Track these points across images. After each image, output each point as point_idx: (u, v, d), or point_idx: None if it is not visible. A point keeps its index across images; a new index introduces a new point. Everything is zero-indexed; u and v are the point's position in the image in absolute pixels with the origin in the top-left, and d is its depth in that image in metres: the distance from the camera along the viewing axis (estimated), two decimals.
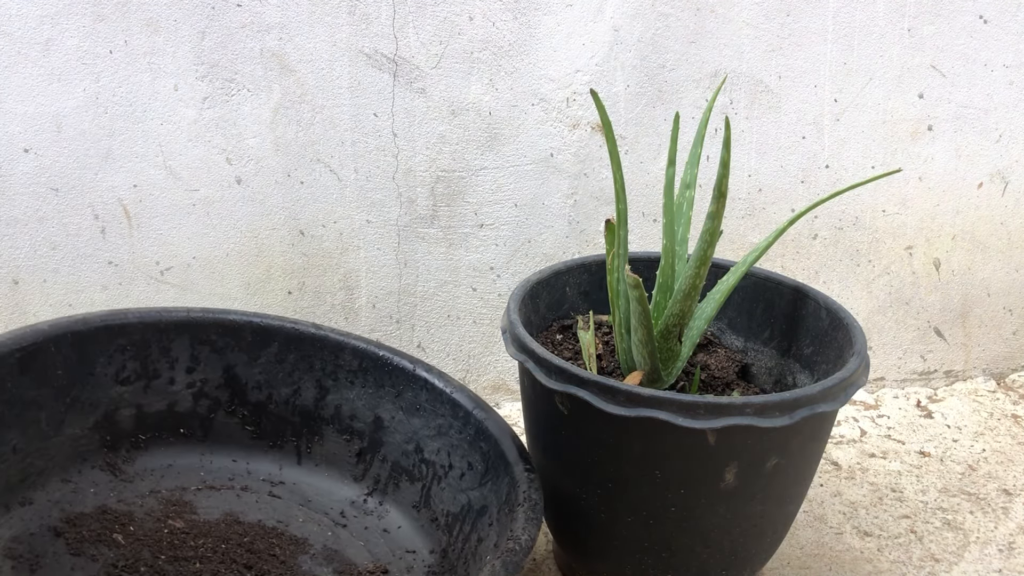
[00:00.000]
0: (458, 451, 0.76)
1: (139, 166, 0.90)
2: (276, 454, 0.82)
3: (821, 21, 1.00)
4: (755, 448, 0.64)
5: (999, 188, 1.11)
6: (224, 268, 0.96)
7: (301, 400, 0.82)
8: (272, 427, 0.82)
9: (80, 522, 0.70)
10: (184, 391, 0.80)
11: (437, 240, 1.00)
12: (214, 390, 0.81)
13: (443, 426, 0.77)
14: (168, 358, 0.79)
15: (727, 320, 0.85)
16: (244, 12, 0.88)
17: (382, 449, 0.80)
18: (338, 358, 0.82)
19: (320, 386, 0.82)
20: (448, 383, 0.78)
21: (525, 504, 0.65)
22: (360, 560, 0.73)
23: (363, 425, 0.81)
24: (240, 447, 0.82)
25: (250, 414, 0.82)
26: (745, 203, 1.05)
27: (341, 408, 0.82)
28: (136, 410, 0.79)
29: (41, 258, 0.90)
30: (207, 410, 0.81)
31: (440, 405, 0.78)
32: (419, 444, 0.78)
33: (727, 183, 0.64)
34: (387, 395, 0.80)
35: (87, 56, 0.86)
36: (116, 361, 0.77)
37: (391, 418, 0.80)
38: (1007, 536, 0.89)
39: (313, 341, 0.82)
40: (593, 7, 0.95)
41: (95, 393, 0.76)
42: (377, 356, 0.81)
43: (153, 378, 0.79)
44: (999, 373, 1.20)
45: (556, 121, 0.98)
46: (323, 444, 0.82)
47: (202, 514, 0.75)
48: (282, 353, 0.82)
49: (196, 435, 0.81)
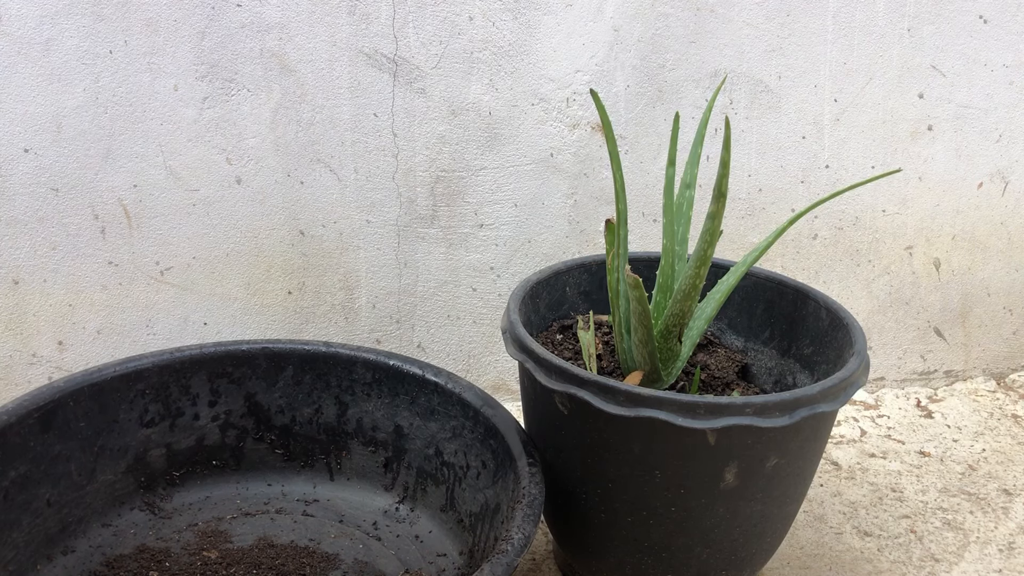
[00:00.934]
0: (472, 450, 0.76)
1: (139, 166, 0.90)
2: (309, 473, 0.84)
3: (821, 21, 1.00)
4: (755, 448, 0.64)
5: (999, 188, 1.11)
6: (224, 268, 0.96)
7: (324, 418, 0.83)
8: (301, 448, 0.84)
9: (119, 564, 0.73)
10: (210, 424, 0.82)
11: (437, 240, 1.00)
12: (239, 420, 0.83)
13: (457, 427, 0.78)
14: (189, 395, 0.81)
15: (727, 320, 0.85)
16: (244, 12, 0.88)
17: (406, 456, 0.81)
18: (352, 373, 0.82)
19: (339, 402, 0.83)
20: (456, 383, 0.79)
21: (524, 500, 0.65)
22: (391, 570, 0.74)
23: (385, 435, 0.82)
24: (274, 471, 0.84)
25: (277, 438, 0.84)
26: (745, 203, 1.05)
27: (363, 421, 0.83)
28: (166, 449, 0.81)
29: (41, 258, 0.90)
30: (235, 440, 0.83)
31: (452, 407, 0.78)
32: (438, 447, 0.79)
33: (727, 183, 0.64)
34: (403, 403, 0.81)
35: (87, 56, 0.86)
36: (138, 406, 0.79)
37: (410, 425, 0.81)
38: (1007, 536, 0.89)
39: (325, 359, 0.82)
40: (593, 7, 0.95)
41: (122, 439, 0.78)
42: (388, 366, 0.81)
43: (177, 416, 0.81)
44: (999, 373, 1.20)
45: (556, 121, 0.98)
46: (351, 458, 0.83)
47: (236, 542, 0.77)
48: (298, 375, 0.83)
49: (229, 465, 0.83)
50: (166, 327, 0.96)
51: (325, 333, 1.01)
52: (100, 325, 0.94)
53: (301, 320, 1.00)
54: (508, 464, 0.71)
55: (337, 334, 1.01)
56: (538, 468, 0.68)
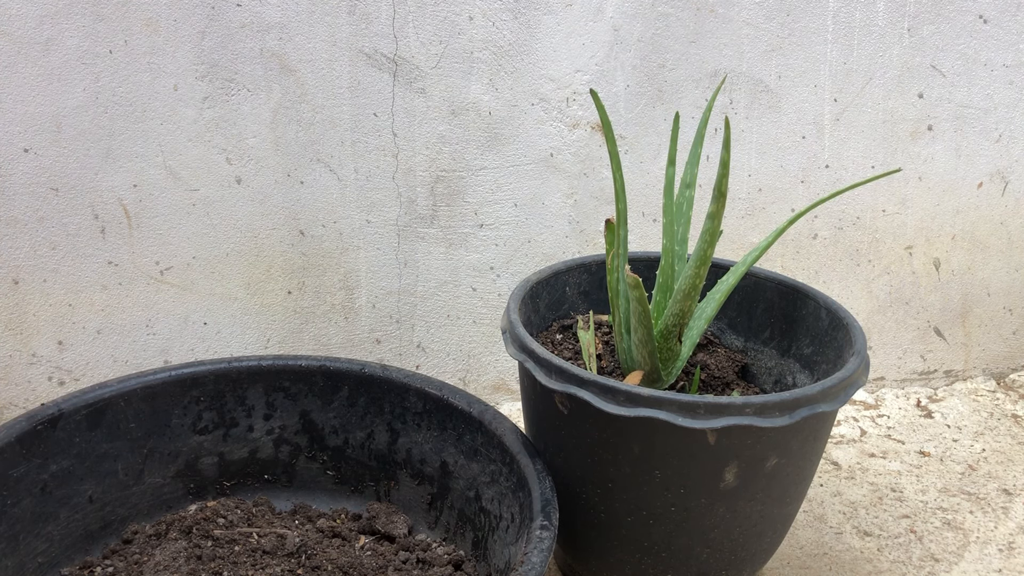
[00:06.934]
0: (506, 500, 0.72)
1: (139, 166, 0.90)
2: (358, 499, 0.83)
3: (821, 21, 1.00)
4: (755, 448, 0.64)
5: (999, 188, 1.11)
6: (224, 268, 0.96)
7: (375, 444, 0.82)
8: (352, 472, 0.83)
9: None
10: (264, 438, 0.82)
11: (437, 240, 1.00)
12: (293, 436, 0.82)
13: (495, 472, 0.74)
14: (244, 406, 0.81)
15: (727, 320, 0.85)
16: (244, 12, 0.88)
17: (449, 496, 0.79)
18: (404, 400, 0.81)
19: (391, 429, 0.82)
20: (499, 424, 0.75)
21: (520, 568, 0.59)
22: None
23: (432, 470, 0.80)
24: (325, 492, 0.83)
25: (330, 459, 0.83)
26: (745, 203, 1.05)
27: (412, 452, 0.81)
28: (218, 458, 0.81)
29: (41, 258, 0.90)
30: (288, 456, 0.83)
31: (492, 449, 0.75)
32: (478, 491, 0.76)
33: (727, 183, 0.64)
34: (450, 438, 0.79)
35: (87, 56, 0.86)
36: (192, 412, 0.79)
37: (455, 463, 0.78)
38: (1007, 536, 0.89)
39: (381, 383, 0.81)
40: (593, 7, 0.95)
41: (174, 443, 0.79)
42: (439, 398, 0.79)
43: (231, 426, 0.81)
44: (999, 373, 1.20)
45: (556, 121, 0.98)
46: (399, 489, 0.82)
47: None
48: (353, 396, 0.82)
49: (281, 481, 0.83)
50: (166, 327, 0.96)
51: (325, 333, 1.01)
52: (100, 325, 0.94)
53: (301, 320, 1.00)
54: (527, 523, 0.66)
55: (337, 334, 1.01)
56: (549, 533, 0.63)
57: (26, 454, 0.70)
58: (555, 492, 0.66)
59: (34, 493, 0.70)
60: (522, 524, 0.68)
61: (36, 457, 0.71)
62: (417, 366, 1.05)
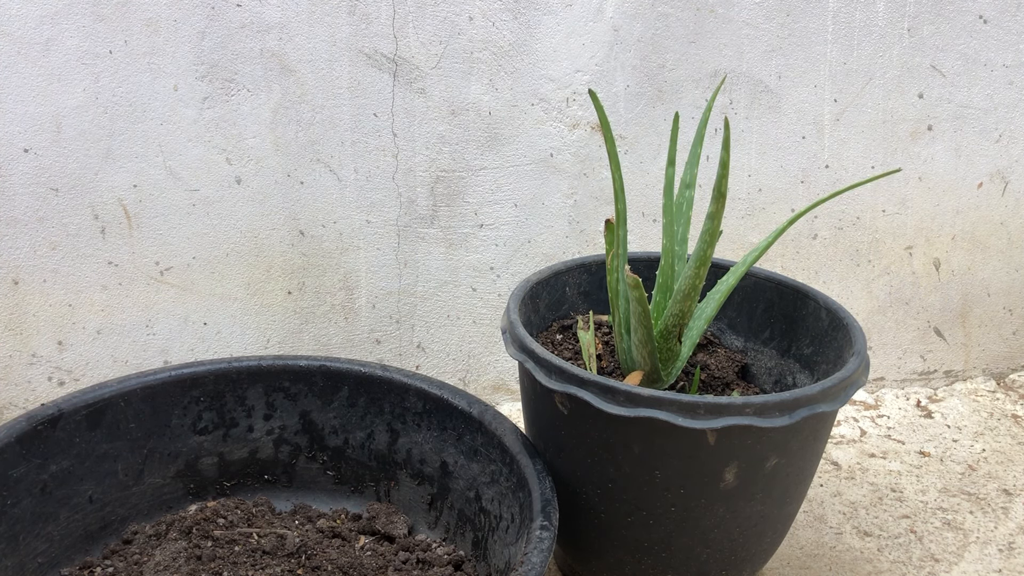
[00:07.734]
0: (506, 501, 0.72)
1: (139, 166, 0.90)
2: (358, 499, 0.83)
3: (821, 21, 1.00)
4: (755, 448, 0.64)
5: (999, 188, 1.11)
6: (224, 268, 0.96)
7: (375, 444, 0.82)
8: (352, 472, 0.83)
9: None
10: (264, 438, 0.82)
11: (437, 240, 1.00)
12: (293, 436, 0.82)
13: (495, 473, 0.75)
14: (244, 407, 0.81)
15: (727, 320, 0.85)
16: (244, 12, 0.88)
17: (449, 496, 0.79)
18: (404, 400, 0.81)
19: (391, 429, 0.82)
20: (500, 424, 0.75)
21: (520, 568, 0.59)
22: None
23: (432, 470, 0.80)
24: (325, 492, 0.83)
25: (330, 459, 0.83)
26: (745, 203, 1.05)
27: (412, 452, 0.81)
28: (218, 458, 0.81)
29: (41, 258, 0.90)
30: (289, 456, 0.83)
31: (492, 449, 0.75)
32: (478, 491, 0.76)
33: (727, 183, 0.64)
34: (450, 438, 0.79)
35: (87, 56, 0.86)
36: (192, 412, 0.79)
37: (455, 463, 0.79)
38: (1007, 536, 0.89)
39: (381, 384, 0.81)
40: (593, 7, 0.95)
41: (173, 444, 0.79)
42: (439, 398, 0.79)
43: (231, 426, 0.81)
44: (999, 373, 1.20)
45: (556, 121, 0.98)
46: (399, 490, 0.82)
47: None
48: (353, 397, 0.82)
49: (281, 481, 0.83)
50: (166, 327, 0.96)
51: (325, 333, 1.01)
52: (100, 325, 0.94)
53: (301, 320, 1.00)
54: (527, 525, 0.66)
55: (337, 334, 1.01)
56: (549, 533, 0.63)
57: (26, 454, 0.70)
58: (555, 492, 0.66)
59: (34, 493, 0.70)
60: (522, 524, 0.68)
61: (36, 457, 0.71)
62: (417, 366, 1.05)
